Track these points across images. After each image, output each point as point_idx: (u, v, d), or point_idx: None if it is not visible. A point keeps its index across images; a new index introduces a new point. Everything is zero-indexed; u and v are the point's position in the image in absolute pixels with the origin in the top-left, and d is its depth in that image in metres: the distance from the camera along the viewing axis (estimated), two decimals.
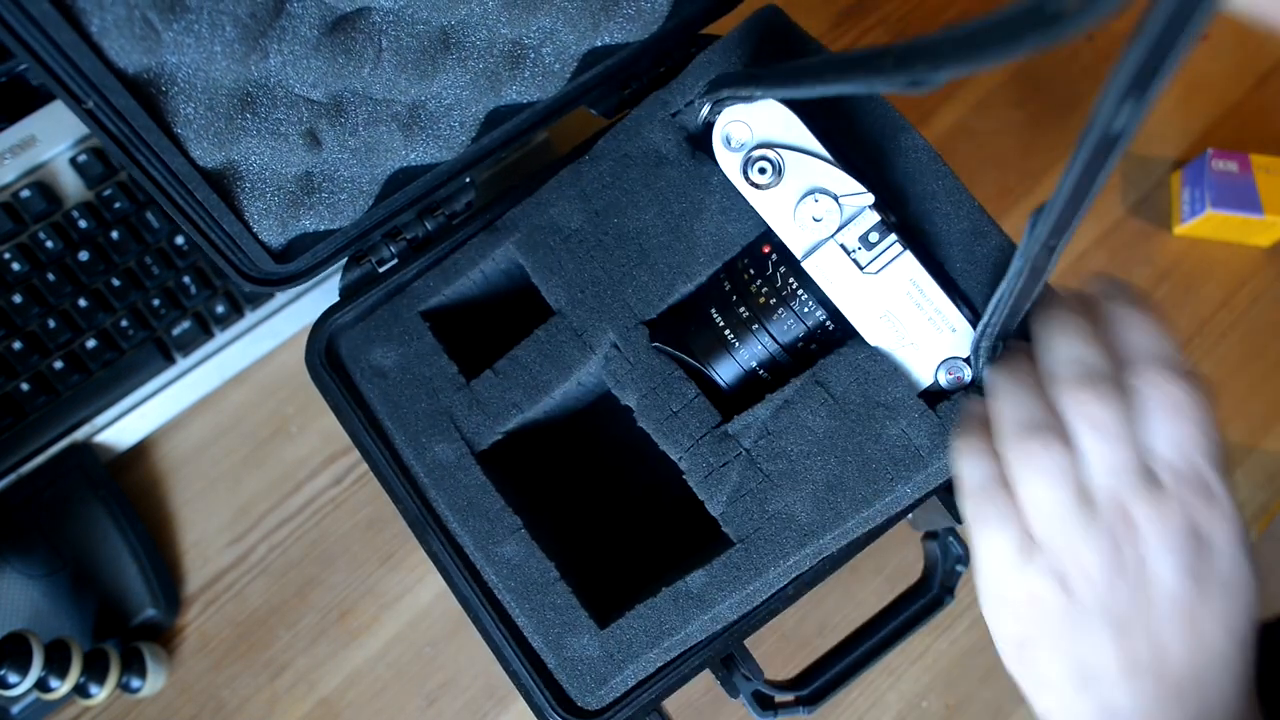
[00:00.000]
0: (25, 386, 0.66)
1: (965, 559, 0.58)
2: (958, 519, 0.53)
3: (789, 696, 0.54)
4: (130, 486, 0.69)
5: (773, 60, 0.53)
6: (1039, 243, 0.35)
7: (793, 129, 0.48)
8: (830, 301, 0.48)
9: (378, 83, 0.48)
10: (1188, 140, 0.78)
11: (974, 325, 0.47)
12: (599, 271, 0.52)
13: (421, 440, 0.52)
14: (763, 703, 0.52)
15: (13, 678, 0.56)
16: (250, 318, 0.70)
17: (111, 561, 0.66)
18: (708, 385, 0.52)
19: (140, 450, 0.70)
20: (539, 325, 0.53)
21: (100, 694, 0.61)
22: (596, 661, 0.49)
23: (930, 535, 0.58)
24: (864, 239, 0.47)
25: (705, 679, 0.52)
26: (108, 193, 0.68)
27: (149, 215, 0.69)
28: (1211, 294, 0.76)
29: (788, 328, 0.50)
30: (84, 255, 0.67)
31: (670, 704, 0.51)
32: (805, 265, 0.47)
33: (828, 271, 0.47)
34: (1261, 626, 0.40)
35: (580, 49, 0.54)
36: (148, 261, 0.68)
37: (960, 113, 0.78)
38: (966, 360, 0.47)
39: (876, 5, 0.80)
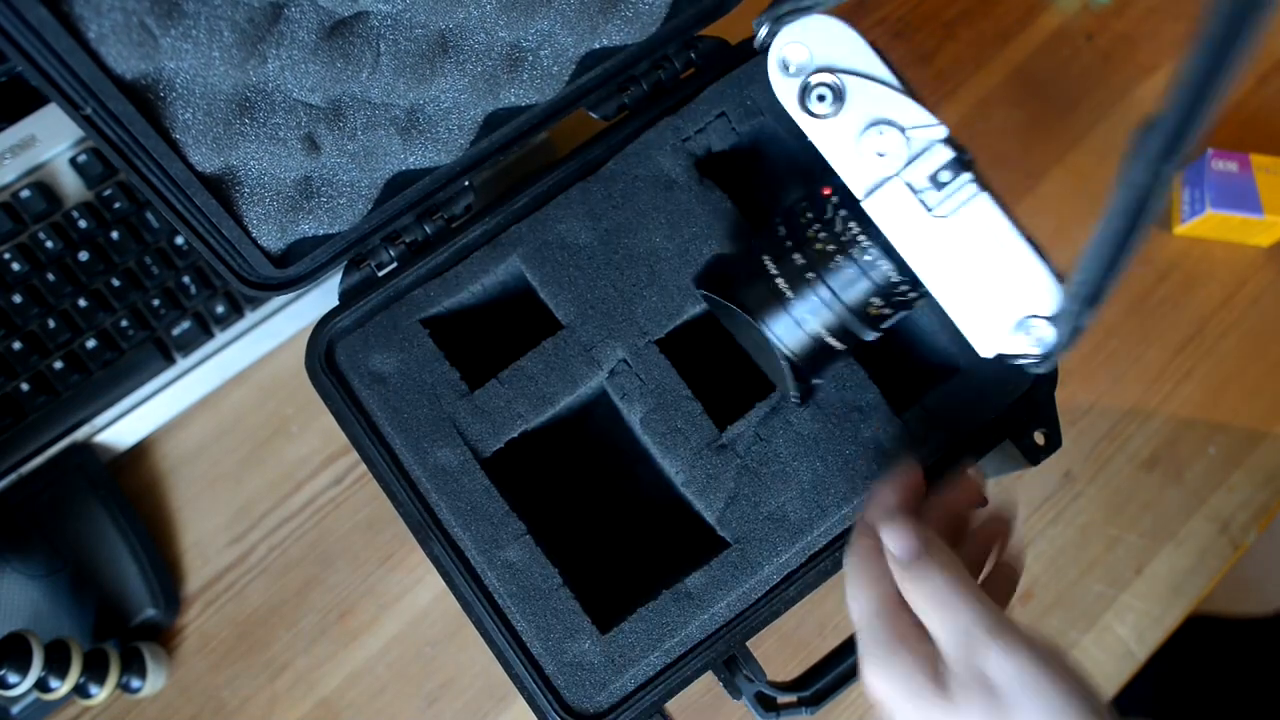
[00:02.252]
0: (25, 386, 0.66)
1: None
2: None
3: (791, 698, 0.54)
4: (130, 486, 0.69)
5: None
6: (1149, 165, 0.29)
7: (857, 52, 0.42)
8: (896, 251, 0.42)
9: (376, 87, 0.48)
10: None
11: (1060, 282, 0.42)
12: (610, 289, 0.53)
13: (423, 445, 0.52)
14: (765, 704, 0.52)
15: (13, 678, 0.56)
16: (250, 318, 0.69)
17: (111, 561, 0.66)
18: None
19: (140, 450, 0.70)
20: (540, 335, 0.53)
21: (100, 694, 0.61)
22: (597, 667, 0.50)
23: None
24: (934, 178, 0.41)
25: (706, 679, 0.52)
26: (108, 193, 0.68)
27: (149, 215, 0.68)
28: (1211, 294, 0.76)
29: (849, 281, 0.44)
30: (84, 255, 0.67)
31: (671, 704, 0.51)
32: (866, 205, 0.42)
33: (891, 213, 0.41)
34: (1261, 623, 0.40)
35: (578, 51, 0.53)
36: (147, 261, 0.68)
37: (960, 112, 0.78)
38: (1050, 320, 0.42)
39: (877, 5, 0.80)
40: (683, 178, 0.54)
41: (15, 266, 0.66)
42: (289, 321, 0.70)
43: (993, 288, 0.42)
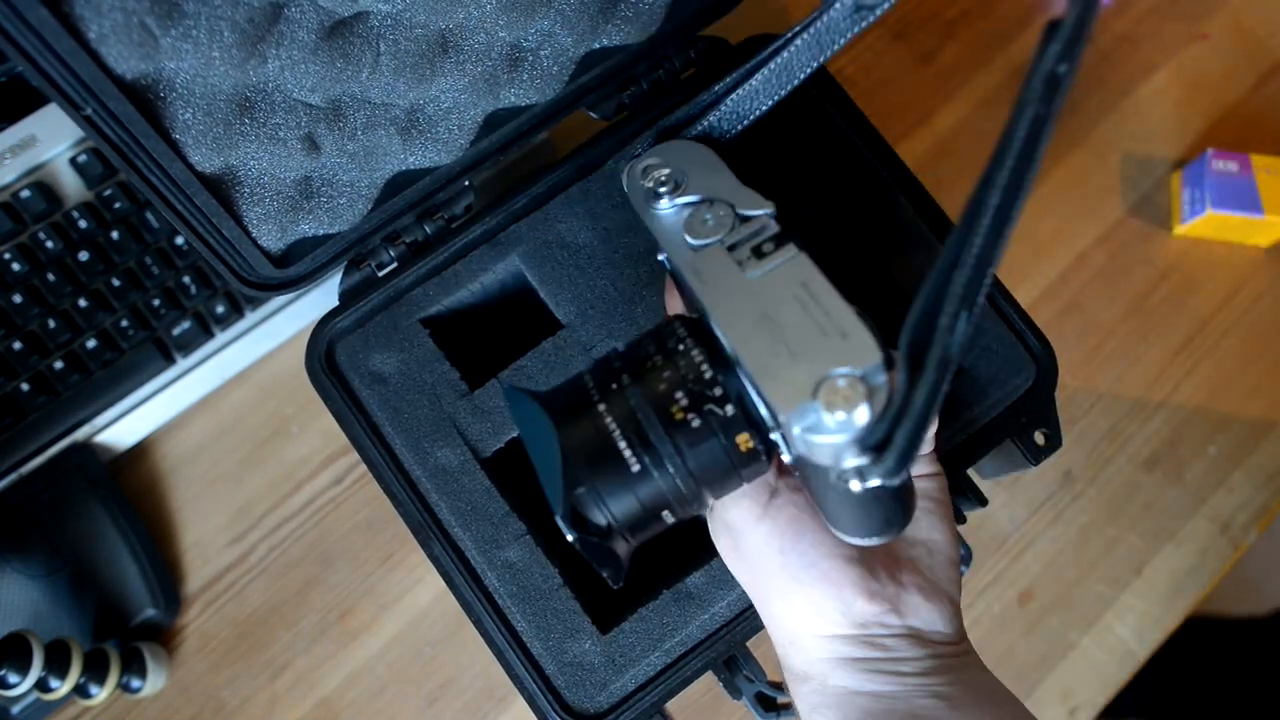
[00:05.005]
0: (25, 386, 0.66)
1: (967, 559, 0.58)
2: (960, 519, 0.53)
3: (789, 698, 0.54)
4: (130, 486, 0.69)
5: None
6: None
7: (697, 151, 0.45)
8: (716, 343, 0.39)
9: (376, 87, 0.48)
10: (1188, 140, 0.78)
11: (874, 337, 0.36)
12: (610, 289, 0.53)
13: (424, 445, 0.52)
14: (765, 704, 0.52)
15: (13, 678, 0.56)
16: (250, 318, 0.69)
17: (111, 561, 0.66)
18: None
19: (140, 450, 0.70)
20: (540, 335, 0.53)
21: (100, 694, 0.61)
22: (598, 667, 0.50)
23: None
24: (757, 249, 0.39)
25: (706, 679, 0.52)
26: (108, 193, 0.68)
27: (149, 215, 0.69)
28: (1211, 294, 0.76)
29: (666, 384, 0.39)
30: (84, 255, 0.67)
31: (671, 704, 0.51)
32: (684, 270, 0.40)
33: (707, 273, 0.39)
34: (1261, 623, 0.40)
35: (579, 51, 0.53)
36: (148, 261, 0.68)
37: (961, 113, 0.78)
38: (863, 377, 0.35)
39: None
40: None
41: (15, 266, 0.66)
42: (289, 321, 0.71)
43: (799, 340, 0.36)
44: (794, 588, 0.39)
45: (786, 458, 0.39)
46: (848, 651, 0.39)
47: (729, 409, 0.38)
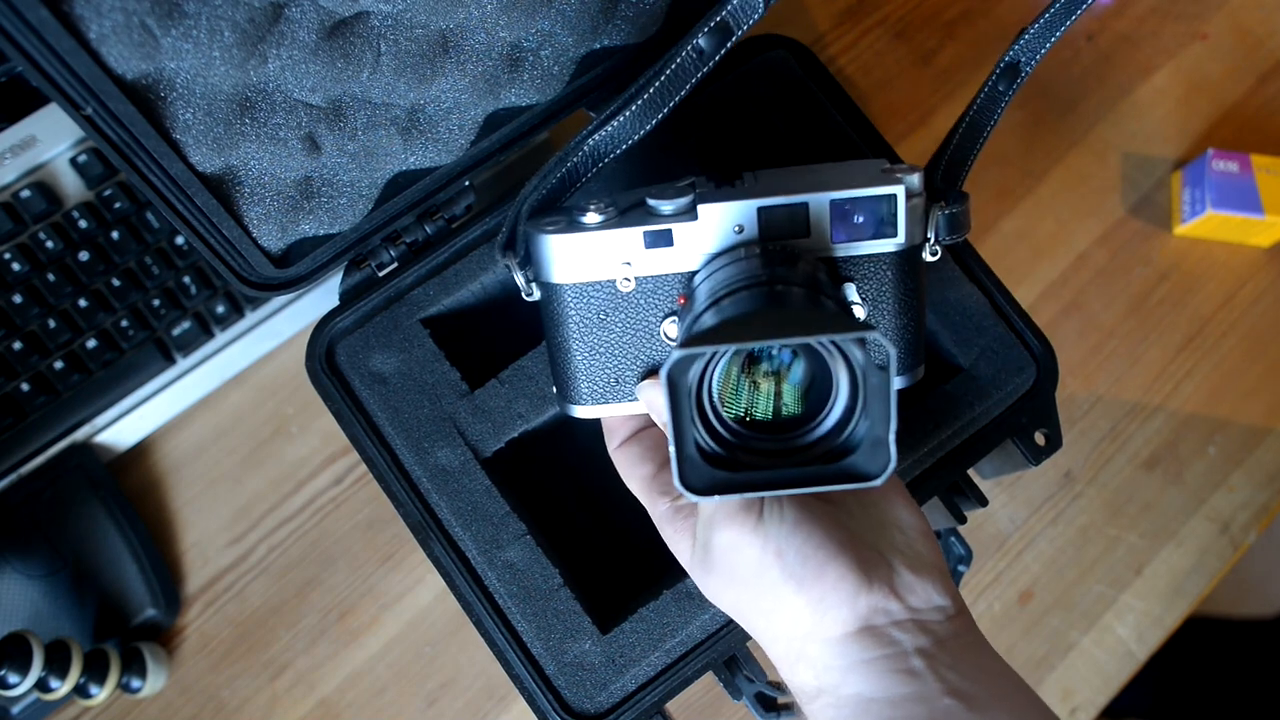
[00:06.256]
0: (25, 386, 0.66)
1: (967, 559, 0.58)
2: (960, 519, 0.53)
3: (791, 698, 0.54)
4: (130, 486, 0.69)
5: None
6: None
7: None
8: None
9: (376, 87, 0.48)
10: (1188, 140, 0.78)
11: None
12: None
13: (424, 445, 0.52)
14: (766, 704, 0.52)
15: (13, 678, 0.56)
16: (250, 318, 0.69)
17: (111, 561, 0.66)
18: None
19: (140, 450, 0.70)
20: (540, 335, 0.53)
21: (100, 694, 0.61)
22: (598, 667, 0.50)
23: None
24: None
25: (706, 679, 0.52)
26: (108, 193, 0.68)
27: (149, 215, 0.68)
28: (1211, 294, 0.76)
29: None
30: (84, 255, 0.67)
31: (671, 704, 0.51)
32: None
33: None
34: (1261, 625, 0.40)
35: (579, 51, 0.53)
36: (148, 262, 0.68)
37: (960, 113, 0.78)
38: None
39: (877, 5, 0.80)
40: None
41: (15, 266, 0.66)
42: (289, 321, 0.70)
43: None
44: (796, 591, 0.39)
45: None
46: (857, 653, 0.39)
47: None
